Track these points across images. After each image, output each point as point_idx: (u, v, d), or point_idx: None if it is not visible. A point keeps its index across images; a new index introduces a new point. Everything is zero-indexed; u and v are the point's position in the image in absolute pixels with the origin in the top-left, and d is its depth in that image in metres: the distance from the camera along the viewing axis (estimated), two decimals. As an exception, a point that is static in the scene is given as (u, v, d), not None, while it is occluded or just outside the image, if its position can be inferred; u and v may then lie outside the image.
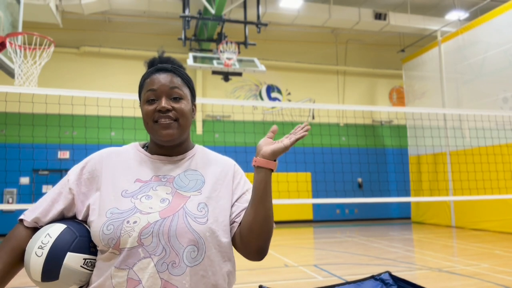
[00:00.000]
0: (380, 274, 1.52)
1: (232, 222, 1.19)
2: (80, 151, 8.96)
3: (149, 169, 1.20)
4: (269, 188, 1.15)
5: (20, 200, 10.79)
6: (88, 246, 1.13)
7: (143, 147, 1.29)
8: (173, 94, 1.19)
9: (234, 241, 1.19)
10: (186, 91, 1.23)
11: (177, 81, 1.21)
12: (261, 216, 1.13)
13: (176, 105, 1.18)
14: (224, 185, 1.22)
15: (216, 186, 1.20)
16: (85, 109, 6.78)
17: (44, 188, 10.84)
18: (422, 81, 12.55)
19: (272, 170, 1.16)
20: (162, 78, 1.19)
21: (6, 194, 10.73)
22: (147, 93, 1.19)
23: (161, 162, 1.22)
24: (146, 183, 1.16)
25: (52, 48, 5.59)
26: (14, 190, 10.80)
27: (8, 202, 10.59)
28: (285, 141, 1.17)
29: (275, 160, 1.16)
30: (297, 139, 1.17)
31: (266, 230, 1.14)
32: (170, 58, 1.28)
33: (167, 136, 1.16)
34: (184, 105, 1.19)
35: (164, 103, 1.16)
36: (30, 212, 1.19)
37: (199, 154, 1.29)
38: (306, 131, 1.18)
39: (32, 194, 10.64)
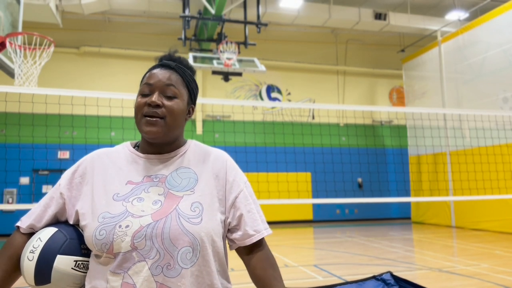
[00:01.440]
0: (381, 274, 1.52)
1: (231, 232, 1.20)
2: (80, 151, 8.95)
3: (140, 170, 1.19)
4: None
5: (20, 200, 10.79)
6: (79, 248, 1.12)
7: (134, 147, 1.27)
8: (167, 92, 1.17)
9: (234, 250, 1.24)
10: (183, 91, 1.21)
11: (176, 79, 1.20)
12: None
13: (167, 103, 1.16)
14: (217, 182, 1.20)
15: (209, 183, 1.19)
16: (85, 109, 6.78)
17: (44, 188, 10.84)
18: (422, 81, 12.55)
19: None
20: (161, 74, 1.19)
21: (6, 194, 10.73)
22: (143, 86, 1.19)
23: (152, 161, 1.21)
24: (137, 185, 1.15)
25: (52, 48, 5.59)
26: (14, 190, 10.80)
27: (8, 202, 10.58)
28: None
29: None
30: None
31: None
32: (180, 58, 1.27)
33: (150, 133, 1.15)
34: (176, 104, 1.17)
35: (155, 97, 1.15)
36: (26, 219, 1.20)
37: (192, 149, 1.27)
38: None
39: (32, 194, 10.64)
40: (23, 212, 1.25)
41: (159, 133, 1.15)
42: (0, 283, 1.11)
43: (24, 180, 10.90)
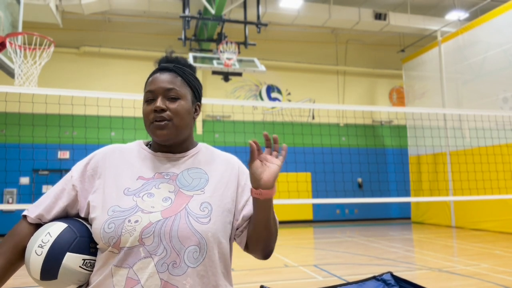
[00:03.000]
0: (382, 274, 1.52)
1: (242, 229, 1.20)
2: (80, 151, 8.95)
3: (152, 166, 1.20)
4: (272, 213, 1.16)
5: (20, 200, 10.79)
6: (88, 246, 1.13)
7: (146, 145, 1.29)
8: (170, 95, 1.18)
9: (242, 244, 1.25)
10: (185, 91, 1.22)
11: (176, 81, 1.21)
12: (266, 236, 1.18)
13: (171, 106, 1.17)
14: (229, 185, 1.21)
15: (220, 185, 1.20)
16: (85, 109, 6.78)
17: (44, 188, 10.84)
18: (422, 81, 12.55)
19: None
20: (161, 78, 1.20)
21: (6, 194, 10.73)
22: (146, 93, 1.20)
23: (164, 159, 1.22)
24: (148, 181, 1.16)
25: (52, 48, 5.59)
26: (14, 190, 10.80)
27: (8, 202, 10.58)
28: (276, 161, 1.11)
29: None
30: (284, 158, 1.13)
31: (271, 243, 1.21)
32: (178, 58, 1.28)
33: (161, 136, 1.17)
34: (180, 105, 1.19)
35: (159, 102, 1.16)
36: (34, 208, 1.20)
37: (203, 151, 1.29)
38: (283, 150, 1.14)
39: (32, 194, 10.65)
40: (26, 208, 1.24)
41: (170, 135, 1.17)
42: (3, 272, 1.11)
43: (24, 180, 10.90)
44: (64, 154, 10.81)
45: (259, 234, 1.16)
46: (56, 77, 11.32)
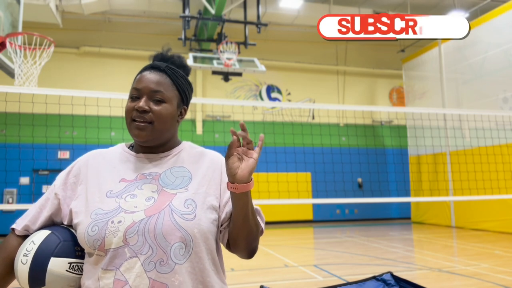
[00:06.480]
0: (382, 274, 1.52)
1: (225, 226, 1.18)
2: (80, 151, 8.92)
3: (134, 168, 1.19)
4: (251, 207, 1.13)
5: (20, 200, 10.79)
6: (73, 250, 1.12)
7: (129, 147, 1.28)
8: (155, 96, 1.16)
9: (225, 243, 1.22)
10: (172, 94, 1.19)
11: (165, 82, 1.19)
12: (245, 232, 1.15)
13: (155, 108, 1.15)
14: (212, 182, 1.20)
15: (203, 182, 1.18)
16: (85, 109, 6.77)
17: (44, 188, 10.83)
18: (422, 81, 12.55)
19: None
20: (150, 77, 1.18)
21: (6, 194, 10.73)
22: (132, 90, 1.19)
23: (146, 160, 1.21)
24: (131, 182, 1.15)
25: (52, 48, 5.59)
26: (14, 190, 10.80)
27: (8, 202, 10.58)
28: (253, 154, 1.08)
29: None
30: (260, 149, 1.09)
31: (252, 240, 1.17)
32: (173, 57, 1.26)
33: (139, 136, 1.16)
34: (164, 108, 1.17)
35: (142, 103, 1.15)
36: (21, 220, 1.20)
37: (186, 150, 1.27)
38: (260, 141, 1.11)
39: (32, 194, 10.64)
40: (23, 212, 1.25)
41: (148, 137, 1.16)
42: None
43: (24, 180, 10.90)
44: (64, 154, 10.81)
45: (238, 229, 1.13)
46: (56, 77, 11.31)
